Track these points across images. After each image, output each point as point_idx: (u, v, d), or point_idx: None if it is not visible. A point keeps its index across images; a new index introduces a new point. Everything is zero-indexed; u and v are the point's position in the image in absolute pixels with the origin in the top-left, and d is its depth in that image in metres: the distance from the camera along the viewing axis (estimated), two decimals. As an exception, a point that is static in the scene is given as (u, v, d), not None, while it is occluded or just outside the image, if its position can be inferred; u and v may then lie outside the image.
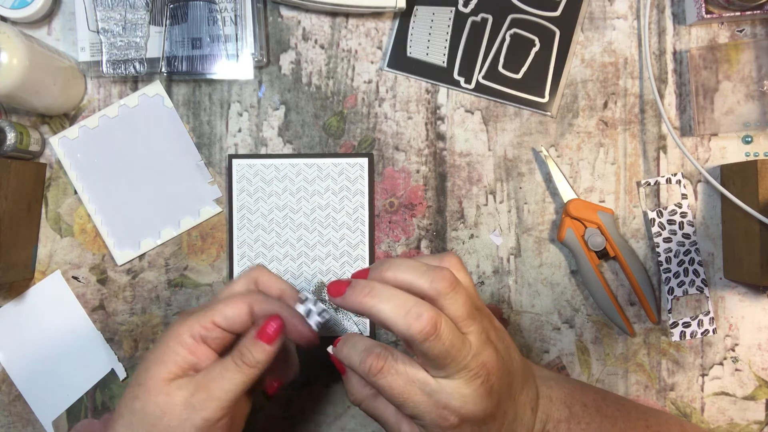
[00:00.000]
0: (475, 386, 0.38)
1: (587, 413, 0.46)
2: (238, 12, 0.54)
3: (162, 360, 0.41)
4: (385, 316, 0.37)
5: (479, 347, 0.39)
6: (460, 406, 0.38)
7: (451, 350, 0.37)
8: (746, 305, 0.56)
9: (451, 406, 0.38)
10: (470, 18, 0.57)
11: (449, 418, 0.38)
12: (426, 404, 0.38)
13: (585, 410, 0.46)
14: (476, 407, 0.38)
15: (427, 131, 0.57)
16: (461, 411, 0.38)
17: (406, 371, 0.38)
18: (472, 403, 0.38)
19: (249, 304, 0.43)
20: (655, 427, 0.47)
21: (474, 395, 0.38)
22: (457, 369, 0.38)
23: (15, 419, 0.57)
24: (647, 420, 0.48)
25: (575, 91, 0.57)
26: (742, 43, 0.55)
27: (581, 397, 0.47)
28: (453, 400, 0.38)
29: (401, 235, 0.57)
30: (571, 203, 0.55)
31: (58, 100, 0.55)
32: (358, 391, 0.42)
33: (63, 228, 0.57)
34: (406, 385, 0.38)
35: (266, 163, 0.57)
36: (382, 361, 0.38)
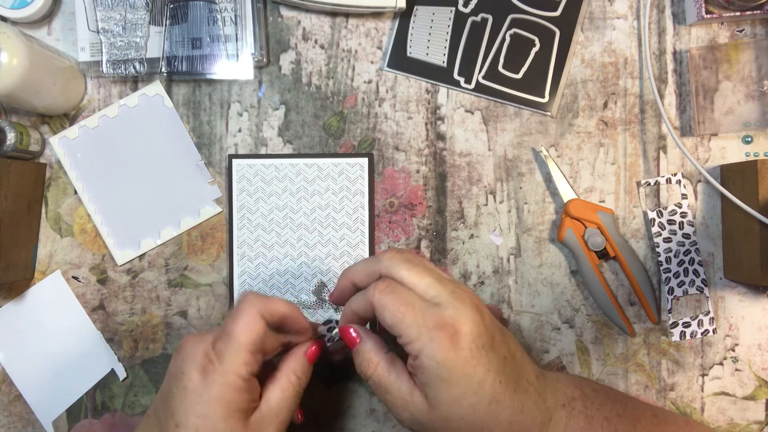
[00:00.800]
0: (463, 301, 0.41)
1: (598, 396, 0.47)
2: (238, 12, 0.54)
3: (229, 414, 0.41)
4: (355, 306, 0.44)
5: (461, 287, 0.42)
6: (453, 317, 0.40)
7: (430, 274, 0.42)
8: (746, 305, 0.56)
9: (445, 317, 0.40)
10: (470, 18, 0.57)
11: (445, 328, 0.39)
12: (423, 319, 0.40)
13: (596, 393, 0.47)
14: (468, 319, 0.40)
15: (427, 131, 0.57)
16: (455, 323, 0.40)
17: (408, 292, 0.41)
18: (464, 315, 0.40)
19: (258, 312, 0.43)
20: (662, 417, 0.49)
21: (464, 308, 0.40)
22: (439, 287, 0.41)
23: (15, 419, 0.57)
24: (654, 410, 0.49)
25: (575, 91, 0.57)
26: (742, 43, 0.55)
27: (589, 383, 0.48)
28: (446, 312, 0.40)
29: (401, 235, 0.57)
30: (571, 203, 0.55)
31: (58, 100, 0.55)
32: (374, 354, 0.44)
33: (63, 228, 0.57)
34: (405, 302, 0.41)
35: (266, 163, 0.57)
36: (387, 282, 0.42)
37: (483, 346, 0.40)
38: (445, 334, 0.39)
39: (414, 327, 0.40)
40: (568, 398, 0.45)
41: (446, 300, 0.41)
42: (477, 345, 0.40)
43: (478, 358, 0.40)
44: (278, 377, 0.44)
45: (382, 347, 0.44)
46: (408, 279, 0.42)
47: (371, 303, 0.42)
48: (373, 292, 0.42)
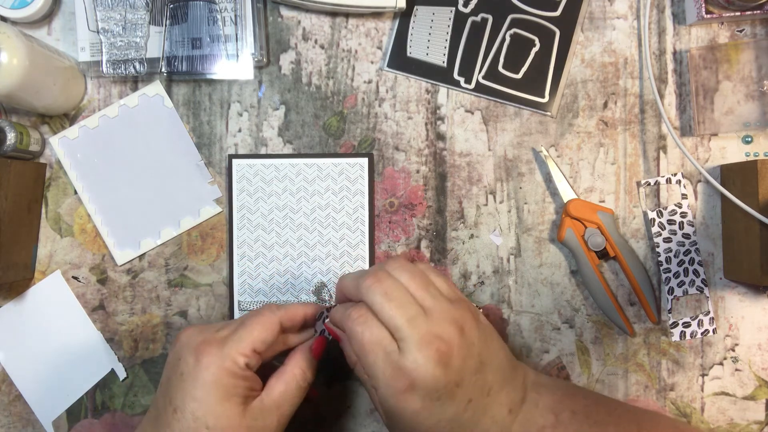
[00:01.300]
0: (427, 353, 0.40)
1: (575, 420, 0.45)
2: (238, 12, 0.54)
3: (225, 398, 0.42)
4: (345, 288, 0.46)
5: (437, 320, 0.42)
6: (412, 369, 0.40)
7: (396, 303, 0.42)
8: (746, 305, 0.56)
9: (404, 367, 0.40)
10: (470, 18, 0.57)
11: (400, 379, 0.40)
12: (383, 362, 0.41)
13: (573, 417, 0.45)
14: (427, 374, 0.40)
15: (427, 131, 0.57)
16: (412, 374, 0.40)
17: (378, 328, 0.42)
18: (423, 369, 0.40)
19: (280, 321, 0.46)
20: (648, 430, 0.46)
21: (426, 361, 0.40)
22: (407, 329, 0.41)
23: (15, 419, 0.57)
24: (640, 423, 0.47)
25: (575, 91, 0.57)
26: (742, 43, 0.55)
27: (571, 404, 0.46)
28: (407, 361, 0.40)
29: (401, 235, 0.57)
30: (571, 203, 0.55)
31: (58, 100, 0.55)
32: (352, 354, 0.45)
33: (63, 228, 0.57)
34: (374, 339, 0.41)
35: (266, 163, 0.57)
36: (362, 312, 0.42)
37: (438, 399, 0.41)
38: (399, 386, 0.40)
39: (373, 367, 0.41)
40: (537, 428, 0.44)
41: (409, 349, 0.40)
42: (431, 398, 0.41)
43: (430, 410, 0.41)
44: (283, 371, 0.45)
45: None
46: (381, 312, 0.42)
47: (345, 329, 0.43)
48: (346, 319, 0.43)
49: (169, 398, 0.43)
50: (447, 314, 0.42)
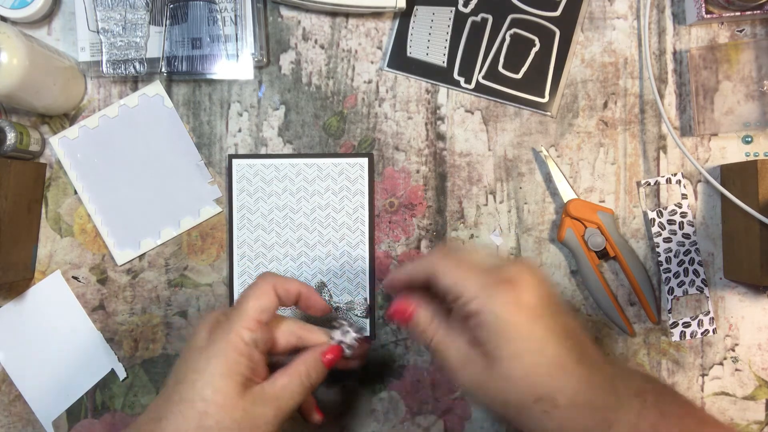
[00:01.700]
0: (523, 267, 0.40)
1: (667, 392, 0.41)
2: (238, 12, 0.54)
3: (227, 373, 0.41)
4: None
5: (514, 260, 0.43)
6: (515, 274, 0.39)
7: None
8: (746, 305, 0.56)
9: (509, 276, 0.39)
10: (470, 18, 0.57)
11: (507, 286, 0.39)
12: (485, 278, 0.40)
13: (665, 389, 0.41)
14: (529, 280, 0.39)
15: (427, 131, 0.57)
16: (517, 279, 0.39)
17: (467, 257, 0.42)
18: (526, 276, 0.39)
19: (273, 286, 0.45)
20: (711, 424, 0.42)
21: (525, 270, 0.40)
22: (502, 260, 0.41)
23: (15, 419, 0.57)
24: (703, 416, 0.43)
25: (575, 91, 0.57)
26: (742, 43, 0.55)
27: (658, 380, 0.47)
28: (509, 272, 0.40)
29: (401, 235, 0.57)
30: (571, 203, 0.55)
31: (58, 100, 0.55)
32: (432, 321, 0.43)
33: (63, 228, 0.57)
34: (466, 264, 0.41)
35: (266, 163, 0.57)
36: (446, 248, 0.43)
37: (544, 307, 0.39)
38: (507, 288, 0.39)
39: (475, 285, 0.39)
40: (639, 389, 0.39)
41: (507, 263, 0.41)
42: (539, 304, 0.39)
43: (540, 317, 0.39)
44: (290, 367, 0.45)
45: (438, 311, 0.43)
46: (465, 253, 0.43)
47: (431, 267, 0.42)
48: (433, 258, 0.42)
49: (174, 371, 0.43)
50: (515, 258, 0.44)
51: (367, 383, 0.57)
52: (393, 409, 0.57)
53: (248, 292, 0.45)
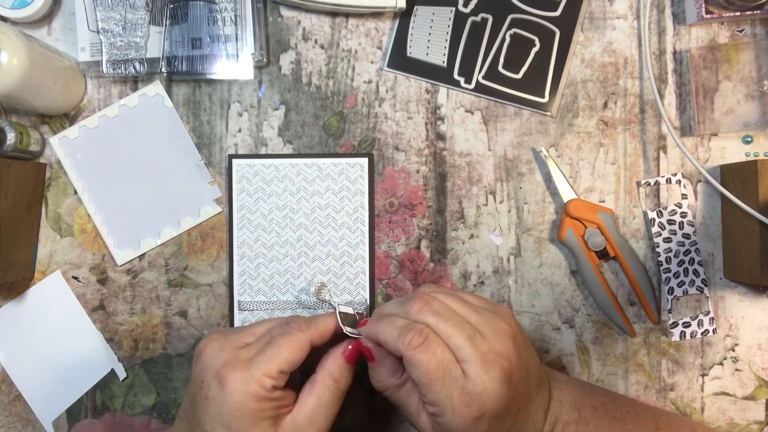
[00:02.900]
0: (492, 373, 0.39)
1: (596, 415, 0.46)
2: (238, 12, 0.54)
3: (253, 422, 0.40)
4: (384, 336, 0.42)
5: (492, 336, 0.40)
6: (480, 393, 0.39)
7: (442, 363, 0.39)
8: (746, 305, 0.56)
9: (472, 392, 0.39)
10: (470, 18, 0.57)
11: (470, 405, 0.39)
12: (450, 389, 0.39)
13: (594, 413, 0.46)
14: (495, 396, 0.39)
15: (427, 131, 0.57)
16: (482, 398, 0.39)
17: (442, 351, 0.40)
18: (492, 392, 0.39)
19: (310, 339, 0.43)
20: (665, 428, 0.47)
21: (492, 383, 0.39)
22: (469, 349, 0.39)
23: (15, 419, 0.57)
24: (657, 422, 0.48)
25: (575, 91, 0.57)
26: (742, 43, 0.55)
27: (591, 400, 0.47)
28: (474, 386, 0.39)
29: (401, 235, 0.57)
30: (571, 203, 0.55)
31: (58, 100, 0.55)
32: (387, 378, 0.43)
33: (63, 228, 0.57)
34: (439, 365, 0.39)
35: (266, 163, 0.57)
36: (424, 337, 0.40)
37: (501, 418, 0.40)
38: (470, 411, 0.39)
39: (440, 395, 0.39)
40: (562, 424, 0.45)
41: (476, 372, 0.39)
42: (496, 418, 0.40)
43: (494, 429, 0.40)
44: (315, 381, 0.43)
45: (397, 371, 0.44)
46: (439, 333, 0.40)
47: (402, 354, 0.40)
48: (407, 347, 0.40)
49: (197, 419, 0.41)
50: (498, 327, 0.41)
51: (367, 383, 0.57)
52: (393, 409, 0.57)
53: (282, 339, 0.42)
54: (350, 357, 0.44)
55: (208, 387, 0.41)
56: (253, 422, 0.40)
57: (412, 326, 0.40)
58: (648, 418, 0.48)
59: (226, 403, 0.40)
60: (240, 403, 0.40)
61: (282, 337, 0.42)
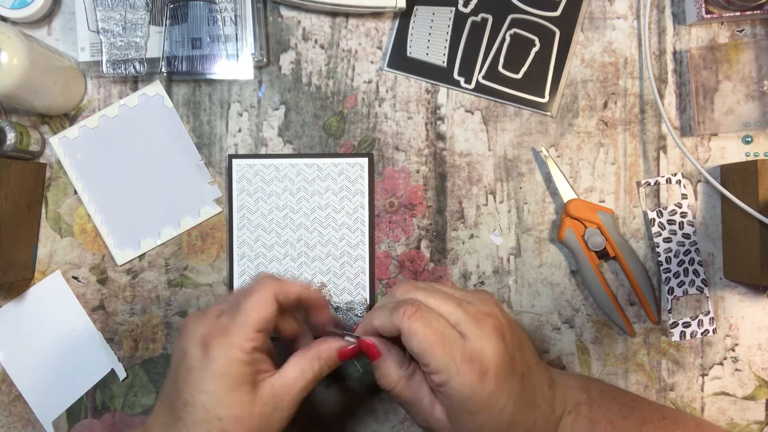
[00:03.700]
0: (487, 329, 0.41)
1: (605, 398, 0.47)
2: (238, 12, 0.54)
3: (235, 386, 0.41)
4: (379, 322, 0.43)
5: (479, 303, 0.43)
6: (479, 350, 0.40)
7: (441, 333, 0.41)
8: (746, 305, 0.56)
9: (473, 350, 0.40)
10: (470, 18, 0.57)
11: (473, 364, 0.40)
12: (451, 350, 0.40)
13: (602, 396, 0.47)
14: (494, 350, 0.40)
15: (427, 131, 0.57)
16: (482, 355, 0.40)
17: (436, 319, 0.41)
18: (489, 347, 0.40)
19: (273, 293, 0.44)
20: (671, 419, 0.49)
21: (489, 338, 0.40)
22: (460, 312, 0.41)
23: (15, 419, 0.57)
24: (663, 412, 0.49)
25: (575, 91, 0.57)
26: (742, 43, 0.55)
27: (597, 386, 0.49)
28: (473, 345, 0.40)
29: (401, 235, 0.57)
30: (571, 203, 0.55)
31: (58, 100, 0.55)
32: (395, 371, 0.44)
33: (63, 228, 0.57)
34: (435, 329, 0.40)
35: (266, 163, 0.57)
36: (416, 307, 0.41)
37: (506, 375, 0.41)
38: (473, 368, 0.40)
39: (442, 359, 0.40)
40: (574, 404, 0.46)
41: (470, 330, 0.41)
42: (501, 375, 0.41)
43: (502, 388, 0.41)
44: (303, 356, 0.44)
45: (404, 362, 0.44)
46: (430, 302, 0.42)
47: (398, 327, 0.41)
48: (402, 318, 0.41)
49: (178, 392, 0.42)
50: (481, 297, 0.44)
51: (367, 383, 0.57)
52: (393, 409, 0.57)
53: (247, 301, 0.43)
54: (343, 354, 0.45)
55: (192, 357, 0.42)
56: (234, 387, 0.41)
57: (402, 302, 0.42)
58: (654, 408, 0.49)
59: (209, 369, 0.41)
60: (223, 368, 0.41)
61: (245, 298, 0.43)
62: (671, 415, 0.49)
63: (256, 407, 0.42)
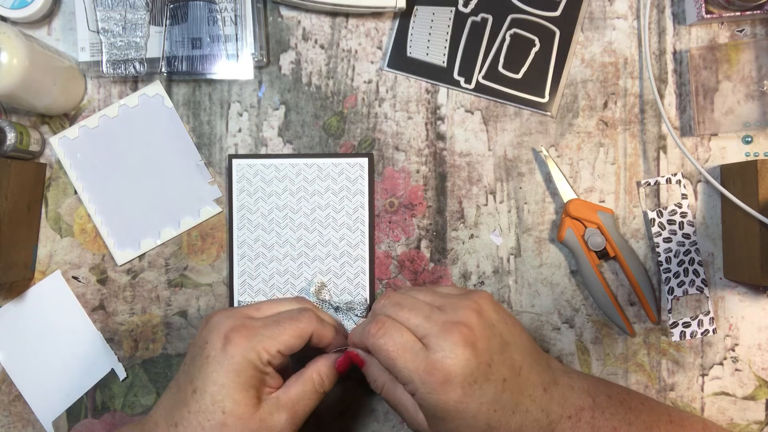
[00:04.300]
0: (452, 339, 0.41)
1: (611, 404, 0.46)
2: (238, 12, 0.54)
3: (245, 387, 0.43)
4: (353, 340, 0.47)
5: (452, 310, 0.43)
6: (442, 359, 0.41)
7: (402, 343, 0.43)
8: (746, 305, 0.56)
9: (435, 360, 0.41)
10: (470, 18, 0.57)
11: (435, 373, 0.40)
12: (414, 363, 0.41)
13: (609, 401, 0.46)
14: (458, 360, 0.40)
15: (427, 131, 0.57)
16: (445, 364, 0.40)
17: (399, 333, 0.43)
18: (453, 356, 0.41)
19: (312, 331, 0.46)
20: (678, 422, 0.48)
21: (453, 347, 0.41)
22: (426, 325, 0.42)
23: (15, 419, 0.57)
24: (670, 415, 0.49)
25: (575, 91, 0.57)
26: (742, 43, 0.55)
27: (605, 389, 0.48)
28: (436, 354, 0.41)
29: (401, 235, 0.57)
30: (571, 203, 0.55)
31: (58, 100, 0.55)
32: (379, 376, 0.46)
33: (63, 228, 0.57)
34: (398, 344, 0.42)
35: (266, 163, 0.57)
36: (381, 324, 0.43)
37: (475, 381, 0.41)
38: (436, 379, 0.41)
39: (406, 371, 0.42)
40: (576, 409, 0.45)
41: (435, 341, 0.42)
42: (468, 382, 0.41)
43: (470, 395, 0.41)
44: (304, 374, 0.46)
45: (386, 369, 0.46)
46: (397, 318, 0.44)
47: (367, 346, 0.44)
48: (368, 336, 0.44)
49: (190, 378, 0.43)
50: (460, 304, 0.44)
51: (367, 383, 0.57)
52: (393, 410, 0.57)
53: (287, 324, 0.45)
54: (340, 365, 0.48)
55: (212, 347, 0.43)
56: (244, 387, 0.42)
57: (373, 320, 0.44)
58: (662, 411, 0.49)
59: (226, 363, 0.42)
60: (239, 365, 0.42)
61: (289, 320, 0.45)
62: (678, 418, 0.49)
63: (259, 413, 0.43)
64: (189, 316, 0.57)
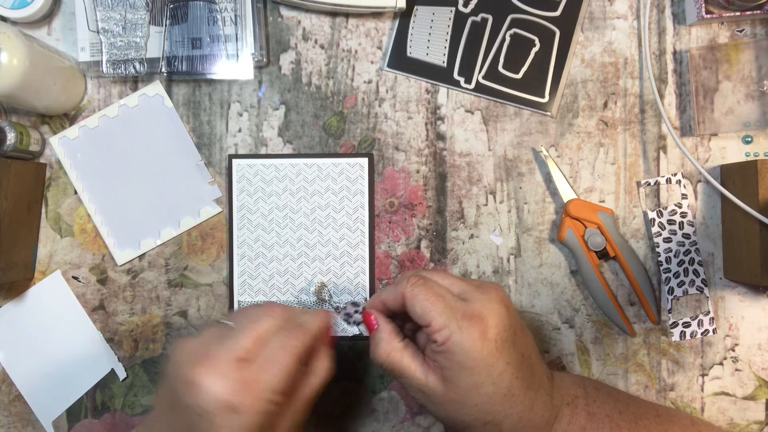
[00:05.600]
0: (489, 295, 0.43)
1: (600, 394, 0.48)
2: (238, 12, 0.54)
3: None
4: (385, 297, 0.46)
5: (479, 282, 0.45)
6: (481, 308, 0.42)
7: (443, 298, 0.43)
8: (746, 305, 0.56)
9: (474, 310, 0.42)
10: (470, 18, 0.57)
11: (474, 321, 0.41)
12: (452, 309, 0.42)
13: (597, 392, 0.49)
14: (496, 311, 0.42)
15: (427, 131, 0.57)
16: (483, 312, 0.42)
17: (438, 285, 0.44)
18: (491, 307, 0.42)
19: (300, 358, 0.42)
20: (665, 416, 0.49)
21: (491, 301, 0.43)
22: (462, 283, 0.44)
23: (15, 419, 0.57)
24: (657, 410, 0.50)
25: (575, 91, 0.57)
26: (742, 43, 0.55)
27: (592, 382, 0.50)
28: (474, 305, 0.42)
29: (401, 235, 0.57)
30: (571, 203, 0.55)
31: (58, 100, 0.55)
32: (387, 343, 0.45)
33: (63, 228, 0.57)
34: (435, 294, 0.43)
35: (266, 163, 0.57)
36: (419, 277, 0.44)
37: (506, 340, 0.42)
38: (475, 324, 0.41)
39: (444, 315, 0.42)
40: (571, 397, 0.47)
41: (473, 295, 0.43)
42: (502, 338, 0.42)
43: (502, 351, 0.42)
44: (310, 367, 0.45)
45: (397, 335, 0.46)
46: (435, 277, 0.45)
47: (402, 295, 0.44)
48: (405, 284, 0.44)
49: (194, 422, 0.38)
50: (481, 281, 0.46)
51: (367, 383, 0.57)
52: (393, 409, 0.57)
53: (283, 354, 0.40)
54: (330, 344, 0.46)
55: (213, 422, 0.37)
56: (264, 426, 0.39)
57: (408, 274, 0.45)
58: (648, 406, 0.51)
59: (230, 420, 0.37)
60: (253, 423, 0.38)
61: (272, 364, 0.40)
62: (665, 412, 0.50)
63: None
64: (189, 316, 0.57)
